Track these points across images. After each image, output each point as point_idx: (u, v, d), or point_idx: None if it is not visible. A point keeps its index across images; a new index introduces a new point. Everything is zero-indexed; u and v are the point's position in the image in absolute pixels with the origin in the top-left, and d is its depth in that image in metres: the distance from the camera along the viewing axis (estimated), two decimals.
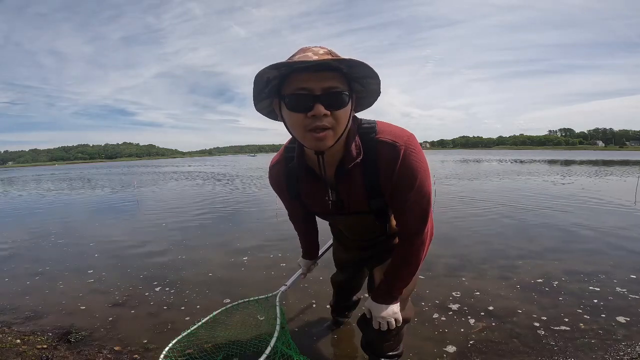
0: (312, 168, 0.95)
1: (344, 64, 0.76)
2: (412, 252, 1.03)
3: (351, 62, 0.74)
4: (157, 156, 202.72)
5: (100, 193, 10.59)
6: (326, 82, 0.77)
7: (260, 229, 4.58)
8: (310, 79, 0.76)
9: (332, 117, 0.79)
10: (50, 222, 5.69)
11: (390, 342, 1.23)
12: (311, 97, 0.77)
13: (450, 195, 7.34)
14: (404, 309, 1.17)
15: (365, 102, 0.91)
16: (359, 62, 0.74)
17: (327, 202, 1.00)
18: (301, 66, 0.76)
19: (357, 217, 1.06)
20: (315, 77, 0.76)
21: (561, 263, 2.95)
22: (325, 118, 0.78)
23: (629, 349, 1.69)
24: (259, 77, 0.77)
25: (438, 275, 2.76)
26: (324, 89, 0.77)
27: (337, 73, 0.79)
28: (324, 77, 0.77)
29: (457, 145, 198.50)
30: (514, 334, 1.86)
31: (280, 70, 0.78)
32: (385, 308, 1.09)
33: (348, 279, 1.70)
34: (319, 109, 0.76)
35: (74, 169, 42.25)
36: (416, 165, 0.89)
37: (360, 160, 0.89)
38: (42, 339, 1.92)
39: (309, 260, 1.52)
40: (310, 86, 0.76)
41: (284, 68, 0.77)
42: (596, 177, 11.23)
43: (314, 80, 0.76)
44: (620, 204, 5.96)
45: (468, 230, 4.28)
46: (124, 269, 3.09)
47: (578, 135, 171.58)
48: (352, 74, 0.81)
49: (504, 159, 30.30)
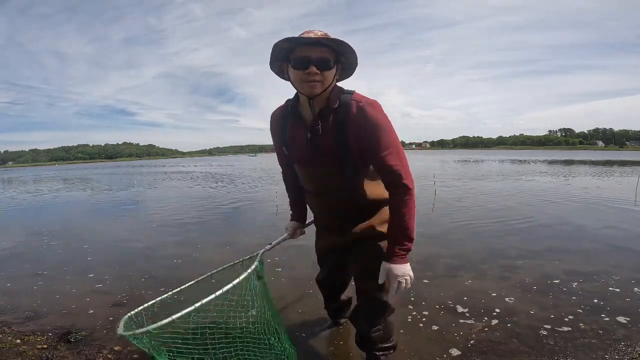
0: (300, 113, 1.26)
1: (333, 43, 1.12)
2: (403, 201, 1.19)
3: (337, 41, 1.11)
4: (157, 156, 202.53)
5: (100, 193, 10.59)
6: (319, 53, 1.12)
7: (260, 228, 4.58)
8: (309, 50, 1.11)
9: (322, 76, 1.14)
10: (51, 222, 5.69)
11: (380, 330, 1.33)
12: (308, 61, 1.11)
13: (451, 196, 7.35)
14: (388, 294, 1.29)
15: (349, 70, 1.25)
16: (343, 42, 1.10)
17: (305, 146, 1.26)
18: (304, 41, 1.11)
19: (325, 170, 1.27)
20: (313, 49, 1.12)
21: (561, 263, 2.95)
22: (316, 75, 1.12)
23: (629, 349, 1.69)
24: (275, 46, 1.12)
25: (438, 275, 2.76)
26: (317, 57, 1.12)
27: (328, 48, 1.14)
28: (319, 50, 1.12)
29: (457, 145, 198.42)
30: (514, 334, 1.86)
31: (291, 43, 1.13)
32: (400, 267, 1.20)
33: (328, 275, 1.69)
34: (312, 69, 1.12)
35: (73, 169, 42.26)
36: (378, 115, 1.17)
37: (336, 108, 1.20)
38: (42, 339, 1.92)
39: (296, 223, 1.61)
40: (308, 54, 1.11)
41: (293, 41, 1.12)
42: (596, 177, 11.23)
43: (312, 51, 1.12)
44: (621, 203, 5.97)
45: (468, 230, 4.28)
46: (124, 269, 3.09)
47: (578, 135, 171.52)
48: (339, 50, 1.15)
49: (504, 159, 30.30)
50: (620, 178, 10.95)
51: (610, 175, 12.20)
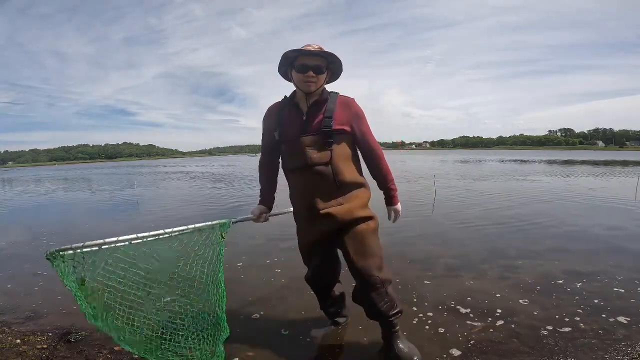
0: (298, 104, 1.63)
1: (325, 54, 1.54)
2: (381, 162, 1.67)
3: (328, 53, 1.54)
4: (157, 156, 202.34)
5: (100, 193, 10.59)
6: (315, 61, 1.54)
7: (260, 228, 4.56)
8: (308, 59, 1.53)
9: (317, 78, 1.54)
10: (51, 222, 5.69)
11: (387, 303, 1.59)
12: (307, 67, 1.52)
13: (451, 196, 7.35)
14: (382, 270, 1.58)
15: (336, 74, 1.67)
16: (332, 54, 1.54)
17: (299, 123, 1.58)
18: (305, 53, 1.53)
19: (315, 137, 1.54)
20: (311, 59, 1.53)
21: (561, 263, 2.95)
22: (312, 78, 1.53)
23: (629, 349, 1.69)
24: (285, 55, 1.54)
25: (438, 275, 2.76)
26: (313, 65, 1.53)
27: (321, 58, 1.55)
28: (315, 59, 1.54)
29: (457, 145, 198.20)
30: (514, 334, 1.87)
31: (296, 53, 1.54)
32: (399, 205, 1.74)
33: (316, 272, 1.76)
34: (310, 73, 1.53)
35: (73, 169, 42.26)
36: (359, 108, 1.64)
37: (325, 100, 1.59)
38: (42, 339, 1.92)
39: (263, 207, 1.76)
40: (307, 62, 1.53)
41: (298, 52, 1.53)
42: (596, 177, 11.24)
43: (310, 60, 1.53)
44: (621, 203, 5.97)
45: (468, 230, 4.28)
46: None
47: (578, 135, 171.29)
48: (329, 59, 1.57)
49: (504, 159, 30.30)
50: (620, 178, 10.96)
51: (610, 175, 12.21)
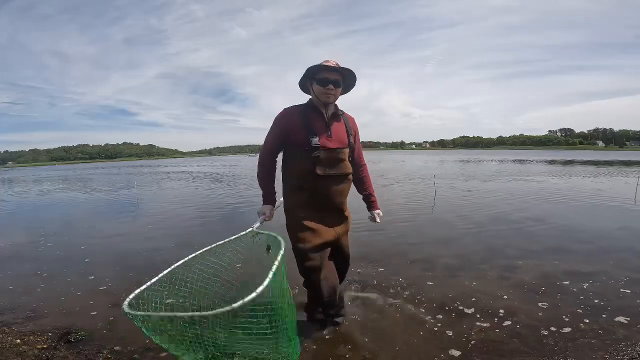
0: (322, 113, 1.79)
1: (343, 70, 1.74)
2: (366, 171, 2.01)
3: (345, 69, 1.73)
4: (157, 156, 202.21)
5: (100, 193, 10.59)
6: (335, 76, 1.72)
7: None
8: (329, 73, 1.71)
9: (335, 91, 1.74)
10: (51, 222, 5.69)
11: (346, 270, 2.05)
12: (328, 81, 1.70)
13: (451, 196, 7.35)
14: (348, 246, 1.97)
15: (350, 87, 1.87)
16: (349, 70, 1.74)
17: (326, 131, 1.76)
18: (327, 68, 1.70)
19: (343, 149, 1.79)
20: (331, 73, 1.71)
21: (561, 263, 2.95)
22: (332, 90, 1.72)
23: (629, 349, 1.69)
24: (309, 69, 1.71)
25: (438, 275, 2.76)
26: (333, 79, 1.71)
27: (339, 73, 1.74)
28: (334, 74, 1.72)
29: (457, 145, 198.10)
30: (514, 334, 1.87)
31: (317, 67, 1.71)
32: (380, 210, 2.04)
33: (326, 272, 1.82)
34: (330, 87, 1.71)
35: (73, 169, 42.27)
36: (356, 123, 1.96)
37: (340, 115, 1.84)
38: (42, 339, 1.92)
39: (270, 206, 1.88)
40: (329, 76, 1.70)
41: (320, 67, 1.70)
42: (596, 177, 11.24)
43: (330, 74, 1.71)
44: (621, 203, 5.97)
45: (468, 230, 4.28)
46: (124, 269, 3.09)
47: (578, 135, 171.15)
48: (344, 74, 1.77)
49: (504, 159, 30.29)
50: (620, 178, 10.95)
51: (610, 175, 12.20)
